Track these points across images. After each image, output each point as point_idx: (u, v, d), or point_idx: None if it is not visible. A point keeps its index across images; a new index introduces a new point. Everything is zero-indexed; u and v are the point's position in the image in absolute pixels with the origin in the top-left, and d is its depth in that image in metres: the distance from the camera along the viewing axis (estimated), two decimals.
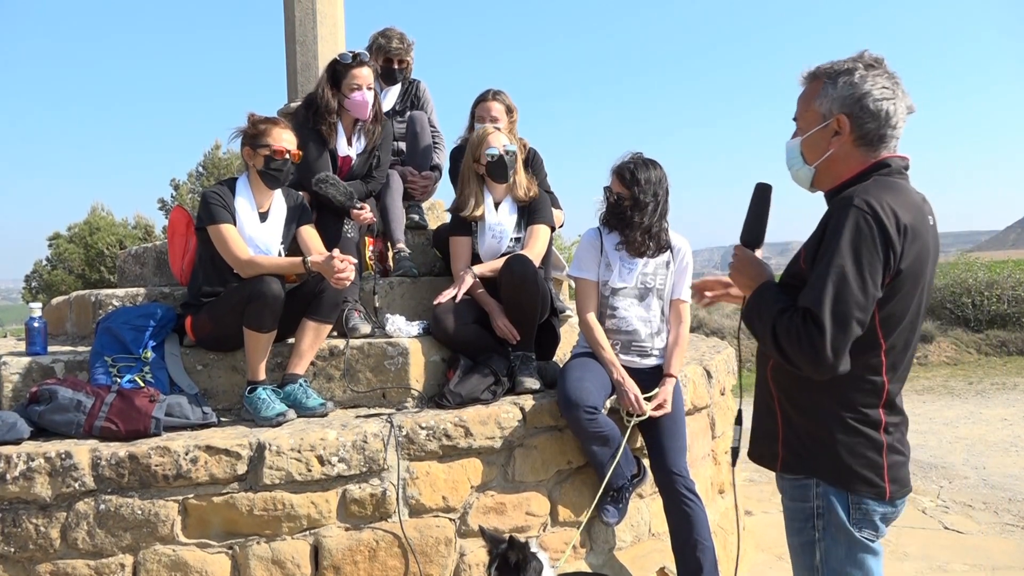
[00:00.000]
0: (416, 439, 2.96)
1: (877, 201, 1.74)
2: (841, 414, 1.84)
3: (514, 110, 4.31)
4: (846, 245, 1.71)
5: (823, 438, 1.86)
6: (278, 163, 3.27)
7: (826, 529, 1.86)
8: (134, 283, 4.45)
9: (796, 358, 1.73)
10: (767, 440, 1.99)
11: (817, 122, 1.89)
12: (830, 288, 1.70)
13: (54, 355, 3.44)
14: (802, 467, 1.89)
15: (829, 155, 1.89)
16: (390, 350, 3.32)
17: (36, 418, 2.94)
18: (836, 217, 1.76)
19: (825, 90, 1.88)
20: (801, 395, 1.89)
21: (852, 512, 1.85)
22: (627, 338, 3.36)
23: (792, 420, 1.91)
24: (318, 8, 4.95)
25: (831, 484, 1.85)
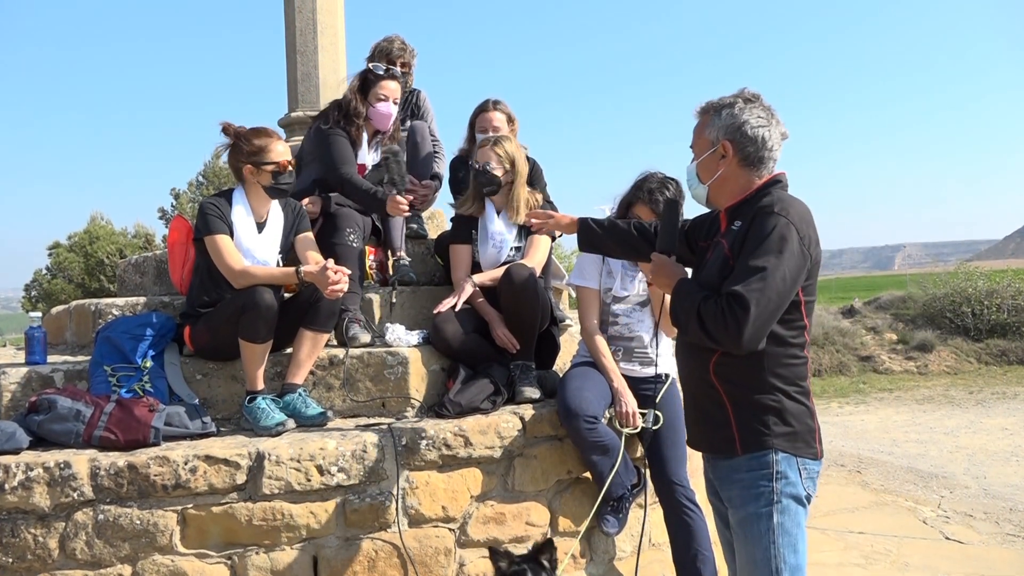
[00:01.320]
0: (416, 449, 2.95)
1: (794, 212, 2.08)
2: (786, 388, 2.12)
3: (514, 119, 4.32)
4: (772, 245, 2.02)
5: (775, 412, 2.11)
6: (285, 176, 3.28)
7: (782, 492, 2.09)
8: (134, 292, 4.45)
9: (719, 334, 2.00)
10: (719, 429, 2.18)
11: (707, 148, 2.24)
12: (758, 278, 1.98)
13: (53, 364, 3.43)
14: (760, 443, 2.11)
15: (719, 175, 2.23)
16: (390, 359, 3.32)
17: (35, 428, 2.94)
18: (760, 224, 2.06)
19: (712, 121, 2.23)
20: (749, 380, 2.12)
21: (801, 475, 2.12)
22: (629, 345, 3.36)
23: (742, 404, 2.14)
24: (319, 19, 4.97)
25: (786, 451, 2.10)
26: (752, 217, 2.10)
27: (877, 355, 14.35)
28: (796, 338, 2.12)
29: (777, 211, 2.05)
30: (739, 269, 2.03)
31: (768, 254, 1.99)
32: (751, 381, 2.12)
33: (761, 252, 2.00)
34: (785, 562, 2.07)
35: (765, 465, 2.10)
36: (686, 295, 2.14)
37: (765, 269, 1.98)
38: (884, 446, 7.58)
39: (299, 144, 4.57)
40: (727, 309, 1.97)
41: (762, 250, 2.00)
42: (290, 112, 5.00)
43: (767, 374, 2.10)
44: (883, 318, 16.20)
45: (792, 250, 2.00)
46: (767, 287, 1.96)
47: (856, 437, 8.13)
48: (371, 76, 3.92)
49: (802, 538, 2.12)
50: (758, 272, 1.97)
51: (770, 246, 2.00)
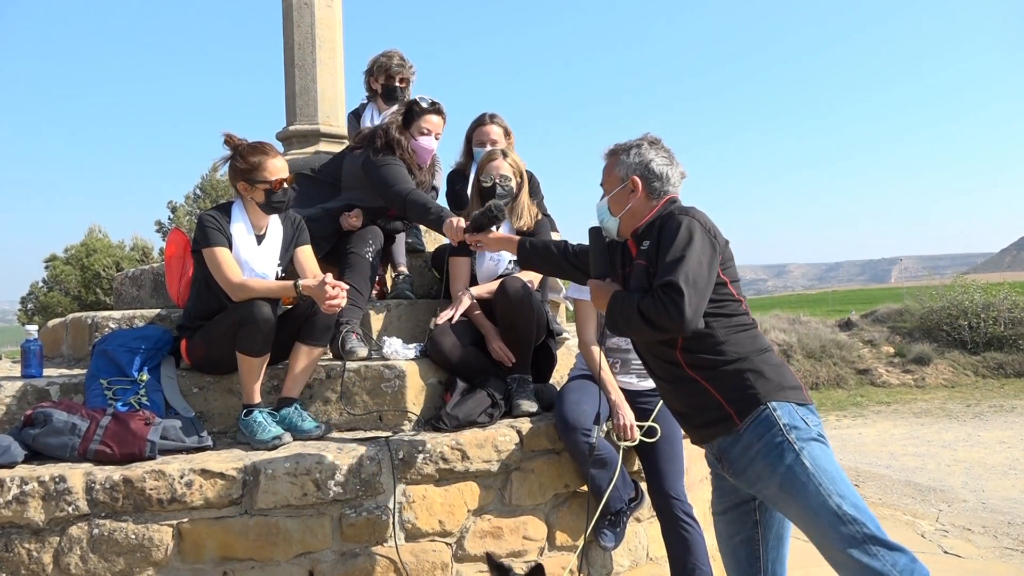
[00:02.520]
0: (413, 463, 2.94)
1: (693, 212, 2.33)
2: (750, 351, 2.29)
3: (511, 132, 4.34)
4: (683, 237, 2.22)
5: (751, 372, 2.25)
6: (278, 195, 3.28)
7: (799, 439, 2.16)
8: (131, 305, 4.44)
9: (662, 322, 2.13)
10: (712, 412, 2.29)
11: (617, 184, 2.50)
12: (681, 265, 2.16)
13: (49, 378, 3.42)
14: (751, 402, 2.22)
15: (630, 207, 2.47)
16: (387, 372, 3.32)
17: (30, 441, 2.92)
18: (666, 229, 2.28)
19: (621, 161, 2.50)
20: (716, 356, 2.28)
21: (808, 420, 2.21)
22: (627, 357, 3.36)
23: (720, 379, 2.27)
24: (317, 33, 4.99)
25: (779, 400, 2.21)
26: (658, 229, 2.33)
27: (874, 368, 14.36)
28: (736, 311, 2.34)
29: (677, 214, 2.31)
30: (660, 268, 2.22)
31: (680, 246, 2.20)
32: (718, 356, 2.28)
33: (674, 248, 2.21)
34: (842, 496, 2.10)
35: (770, 423, 2.19)
36: (623, 300, 2.29)
37: (683, 257, 2.17)
38: (882, 459, 7.57)
39: (298, 158, 4.59)
40: (663, 297, 2.14)
41: (675, 247, 2.21)
42: (288, 126, 5.01)
43: (727, 345, 2.28)
44: (880, 331, 16.22)
45: (699, 237, 2.23)
46: (689, 269, 2.15)
47: (854, 450, 8.12)
48: (416, 108, 3.89)
49: (841, 472, 2.17)
50: (678, 262, 2.17)
51: (680, 241, 2.22)
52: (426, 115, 3.88)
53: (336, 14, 5.11)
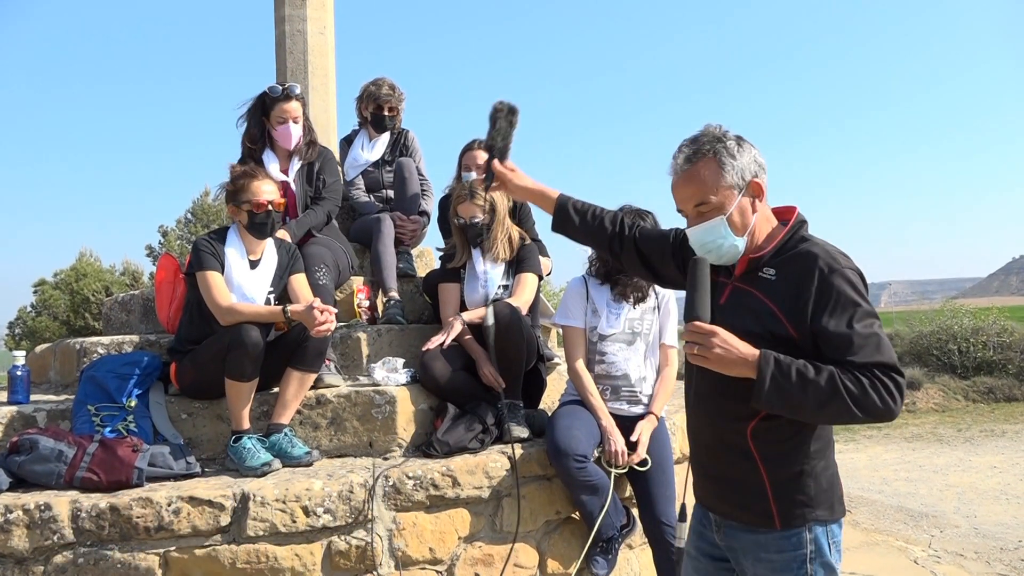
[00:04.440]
0: (403, 489, 2.92)
1: (845, 257, 1.92)
2: (823, 450, 1.95)
3: None
4: (861, 299, 1.86)
5: (814, 479, 1.92)
6: (261, 216, 3.29)
7: (816, 569, 1.91)
8: (120, 330, 4.41)
9: (880, 412, 1.79)
10: (755, 500, 1.95)
11: (734, 194, 1.94)
12: (882, 340, 1.83)
13: (36, 404, 3.39)
14: (800, 516, 1.91)
15: (755, 221, 1.98)
16: (377, 398, 3.30)
17: (16, 469, 2.89)
18: (826, 283, 1.86)
19: (725, 163, 1.94)
20: (787, 446, 1.92)
21: (831, 547, 1.93)
22: (616, 383, 3.36)
23: (781, 475, 1.92)
24: (310, 60, 5.03)
25: (821, 522, 1.92)
26: (804, 270, 1.89)
27: None
28: None
29: (840, 263, 1.89)
30: (849, 333, 1.82)
31: (866, 310, 1.85)
32: (793, 447, 1.92)
33: (859, 310, 1.84)
34: None
35: (800, 544, 1.91)
36: (798, 374, 1.82)
37: (877, 327, 1.85)
38: (874, 484, 7.55)
39: None
40: (887, 382, 1.79)
41: (859, 307, 1.84)
42: None
43: (811, 437, 1.92)
44: None
45: (867, 298, 1.89)
46: (889, 346, 1.85)
47: (846, 475, 8.10)
48: (268, 100, 3.91)
49: None
50: (877, 335, 1.83)
51: (860, 301, 1.85)
52: (278, 104, 3.89)
53: (328, 41, 5.16)
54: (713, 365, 1.85)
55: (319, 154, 4.02)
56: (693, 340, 1.86)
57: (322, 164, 4.01)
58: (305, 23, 5.02)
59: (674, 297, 3.51)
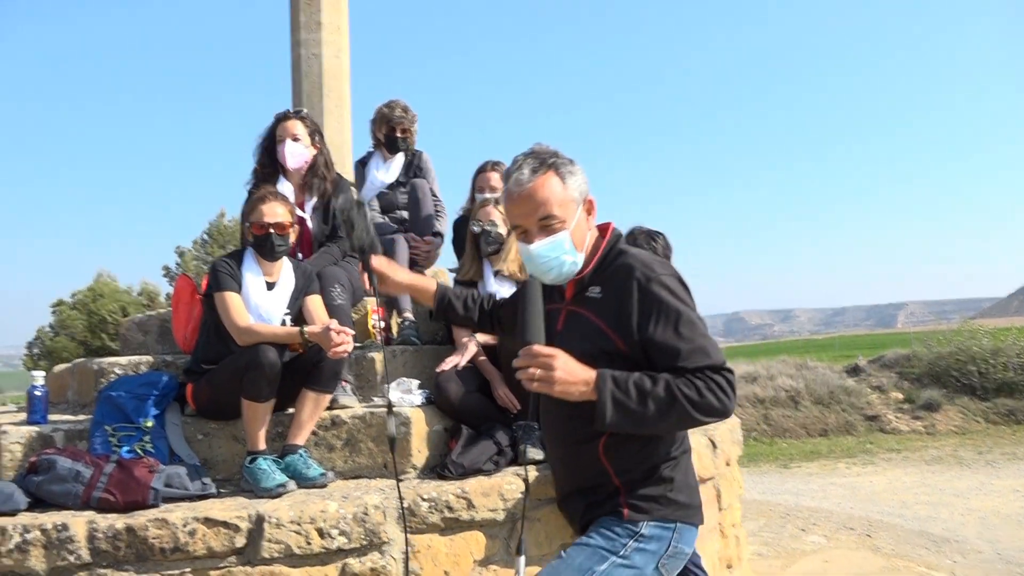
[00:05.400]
0: (418, 511, 2.91)
1: (659, 260, 2.00)
2: (673, 452, 2.01)
3: None
4: (682, 305, 1.91)
5: (664, 481, 1.98)
6: (260, 238, 3.31)
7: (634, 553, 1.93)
8: (137, 351, 4.45)
9: (715, 412, 1.85)
10: (608, 500, 2.01)
11: (574, 208, 1.99)
12: (708, 341, 1.89)
13: (55, 424, 3.41)
14: (648, 511, 1.98)
15: (586, 240, 2.04)
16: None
17: (34, 488, 2.91)
18: (646, 293, 1.92)
19: (566, 178, 1.98)
20: (638, 456, 1.98)
21: (669, 548, 1.97)
22: None
23: (632, 481, 1.99)
24: (325, 83, 5.09)
25: (668, 520, 1.98)
26: (624, 283, 1.95)
27: (883, 414, 14.21)
28: None
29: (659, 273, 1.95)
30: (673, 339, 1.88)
31: (689, 314, 1.91)
32: (647, 455, 1.98)
33: (682, 315, 1.90)
34: None
35: (634, 527, 1.96)
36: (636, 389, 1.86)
37: (702, 329, 1.90)
38: (894, 508, 7.44)
39: None
40: (721, 381, 1.85)
41: (682, 312, 1.90)
42: None
43: (660, 442, 1.98)
44: (888, 376, 16.10)
45: (691, 300, 1.98)
46: (716, 345, 1.91)
47: (865, 499, 7.99)
48: (273, 121, 3.94)
49: None
50: (702, 336, 1.88)
51: (681, 307, 1.91)
52: (280, 123, 3.92)
53: (343, 64, 5.22)
54: (556, 390, 1.84)
55: (335, 187, 4.00)
56: (531, 364, 1.84)
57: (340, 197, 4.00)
58: (320, 47, 5.08)
59: None
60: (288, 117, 3.91)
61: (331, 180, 3.97)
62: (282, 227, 3.32)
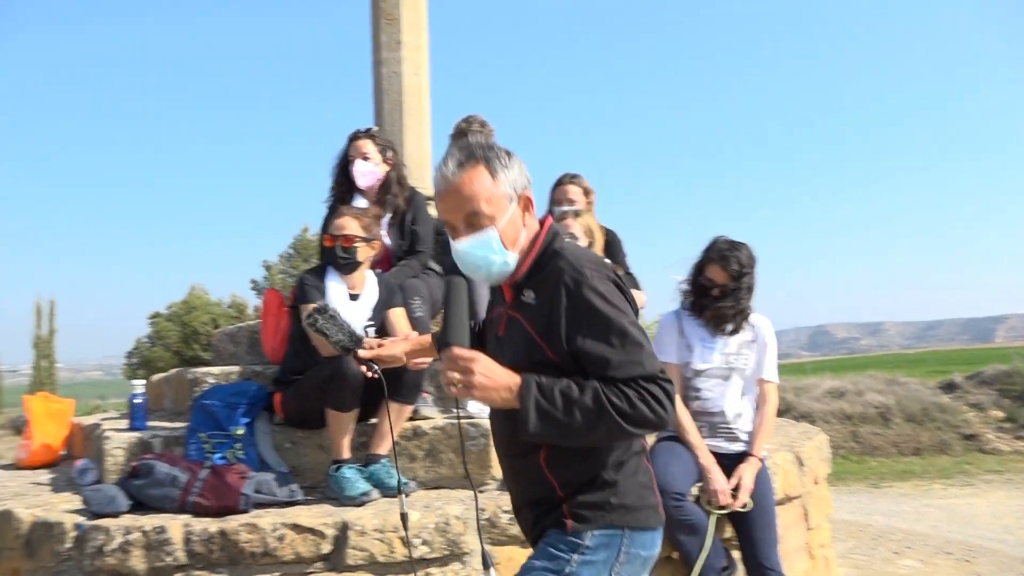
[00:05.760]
0: (498, 523, 2.92)
1: (592, 261, 1.83)
2: (618, 459, 1.84)
3: (591, 192, 4.39)
4: (612, 310, 1.75)
5: (609, 486, 1.83)
6: (328, 250, 3.45)
7: (581, 566, 1.79)
8: (228, 361, 4.62)
9: (652, 423, 1.71)
10: (550, 514, 1.87)
11: (506, 204, 1.82)
12: (643, 348, 1.73)
13: (153, 430, 3.58)
14: (594, 520, 1.82)
15: (523, 236, 1.86)
16: (472, 431, 3.33)
17: (134, 491, 3.06)
18: (575, 298, 1.76)
19: (497, 171, 1.82)
20: (580, 466, 1.84)
21: (620, 556, 1.82)
22: (713, 420, 3.28)
23: (575, 491, 1.84)
24: (404, 100, 5.21)
25: (616, 526, 1.82)
26: (554, 288, 1.79)
27: (982, 434, 13.47)
28: None
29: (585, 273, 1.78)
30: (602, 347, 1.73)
31: (619, 317, 1.75)
32: (590, 465, 1.84)
33: (611, 319, 1.74)
34: None
35: (578, 539, 1.83)
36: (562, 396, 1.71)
37: (634, 334, 1.74)
38: (996, 533, 7.03)
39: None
40: (649, 392, 1.71)
41: (609, 317, 1.74)
42: None
43: (603, 451, 1.83)
44: (987, 394, 15.26)
45: (623, 301, 1.80)
46: (650, 352, 1.76)
47: (964, 523, 7.58)
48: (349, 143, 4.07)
49: None
50: (630, 341, 1.73)
51: (608, 310, 1.75)
52: (351, 143, 4.03)
53: (423, 82, 5.33)
54: (476, 395, 1.71)
55: (410, 202, 4.09)
56: (451, 368, 1.70)
57: (414, 214, 4.09)
58: (400, 65, 5.21)
59: (772, 330, 3.40)
60: (358, 137, 4.04)
61: (404, 196, 4.07)
62: (348, 240, 3.42)
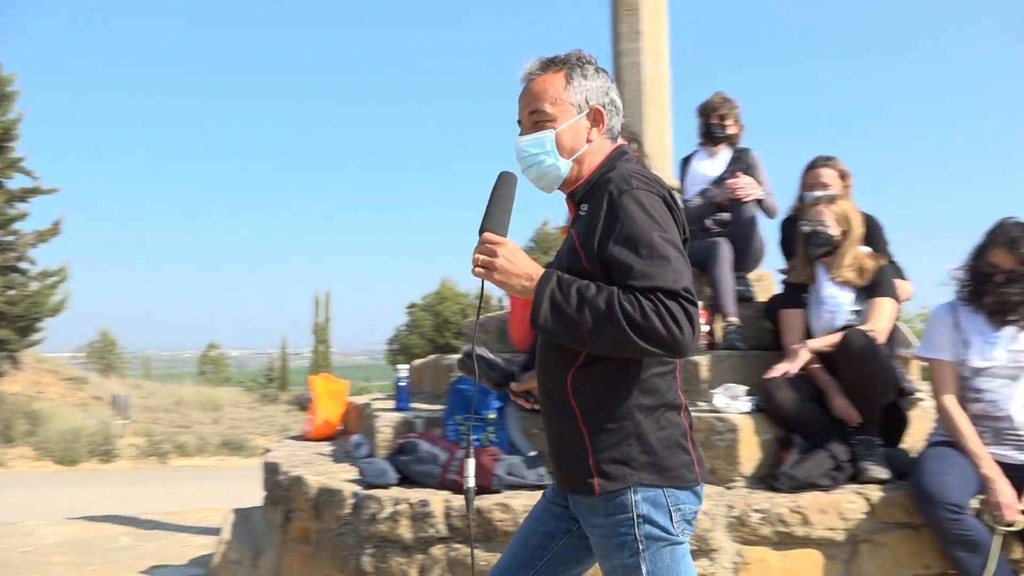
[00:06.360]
0: (747, 522, 2.82)
1: (644, 175, 1.77)
2: (649, 405, 1.77)
3: (848, 175, 4.08)
4: (649, 221, 1.69)
5: (636, 438, 1.75)
6: None
7: (648, 538, 1.74)
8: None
9: (664, 341, 1.61)
10: (576, 464, 1.80)
11: (571, 113, 1.84)
12: (671, 263, 1.65)
13: (416, 411, 3.92)
14: (619, 478, 1.75)
15: (586, 149, 1.86)
16: (719, 425, 3.24)
17: (401, 467, 3.36)
18: (615, 206, 1.72)
19: (573, 80, 1.84)
20: (606, 397, 1.77)
21: (673, 514, 1.76)
22: (998, 425, 2.92)
23: (601, 431, 1.77)
24: (645, 90, 5.16)
25: (650, 485, 1.75)
26: (601, 198, 1.76)
27: None
28: None
29: (633, 185, 1.73)
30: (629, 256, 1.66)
31: (651, 231, 1.67)
32: (611, 400, 1.76)
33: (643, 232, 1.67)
34: None
35: (623, 508, 1.75)
36: (576, 293, 1.67)
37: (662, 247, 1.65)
38: None
39: None
40: (667, 307, 1.60)
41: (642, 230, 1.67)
42: None
43: (632, 389, 1.75)
44: None
45: (665, 218, 1.72)
46: (675, 269, 1.65)
47: None
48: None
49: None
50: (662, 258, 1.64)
51: (644, 222, 1.68)
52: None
53: (663, 71, 5.25)
54: (496, 278, 1.74)
55: None
56: (478, 251, 1.75)
57: None
58: (639, 55, 5.17)
59: None
60: None
61: None
62: None
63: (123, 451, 16.48)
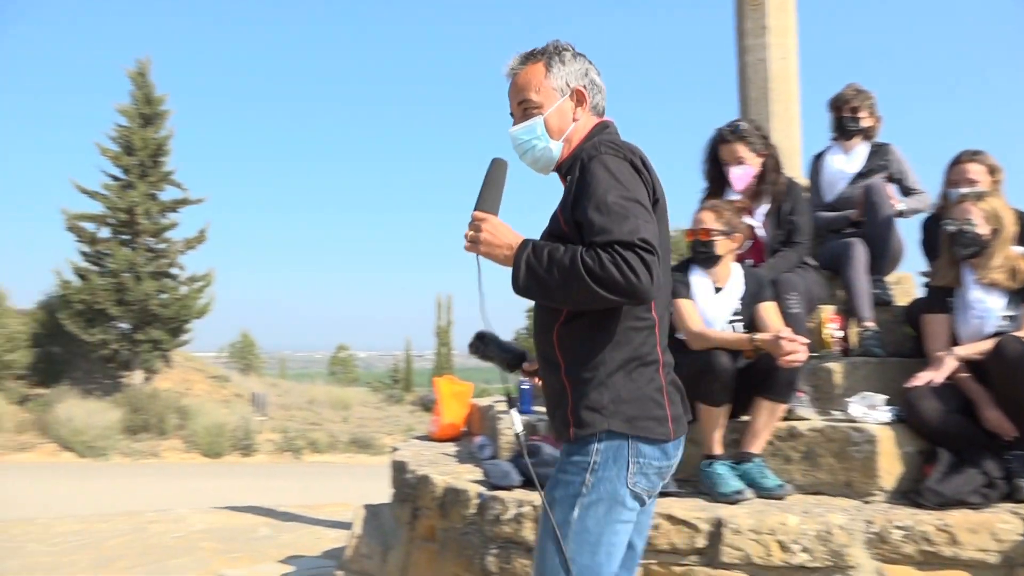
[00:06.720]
0: (888, 539, 2.67)
1: (614, 142, 1.88)
2: (622, 358, 1.85)
3: (998, 170, 3.79)
4: (613, 181, 1.78)
5: (607, 388, 1.84)
6: (690, 244, 3.48)
7: (596, 484, 1.83)
8: None
9: (622, 289, 1.70)
10: (561, 415, 1.91)
11: (555, 97, 1.97)
12: (628, 216, 1.73)
13: (538, 415, 3.94)
14: (589, 425, 1.84)
15: (575, 127, 1.99)
16: (855, 436, 3.09)
17: (524, 469, 3.39)
18: (584, 172, 1.83)
19: (553, 67, 1.97)
20: (584, 350, 1.87)
21: (630, 467, 1.83)
22: None
23: (578, 382, 1.87)
24: (771, 87, 5.00)
25: (618, 433, 1.83)
26: (575, 166, 1.88)
27: None
28: None
29: (600, 151, 1.85)
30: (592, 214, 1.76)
31: (614, 188, 1.77)
32: (588, 353, 1.86)
33: (606, 191, 1.77)
34: (574, 561, 1.82)
35: (585, 452, 1.84)
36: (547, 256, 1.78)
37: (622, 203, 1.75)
38: None
39: None
40: (622, 257, 1.69)
41: (605, 189, 1.77)
42: None
43: (607, 342, 1.85)
44: None
45: (630, 175, 1.82)
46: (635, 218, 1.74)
47: None
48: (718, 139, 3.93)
49: (608, 543, 1.84)
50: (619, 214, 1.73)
51: (606, 181, 1.78)
52: (720, 145, 3.86)
53: (791, 67, 5.06)
54: (481, 251, 1.88)
55: (788, 191, 3.90)
56: (469, 228, 1.90)
57: (792, 204, 3.88)
58: (766, 51, 5.01)
59: None
60: (726, 140, 3.92)
61: (780, 184, 3.90)
62: (705, 233, 3.40)
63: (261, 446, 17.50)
